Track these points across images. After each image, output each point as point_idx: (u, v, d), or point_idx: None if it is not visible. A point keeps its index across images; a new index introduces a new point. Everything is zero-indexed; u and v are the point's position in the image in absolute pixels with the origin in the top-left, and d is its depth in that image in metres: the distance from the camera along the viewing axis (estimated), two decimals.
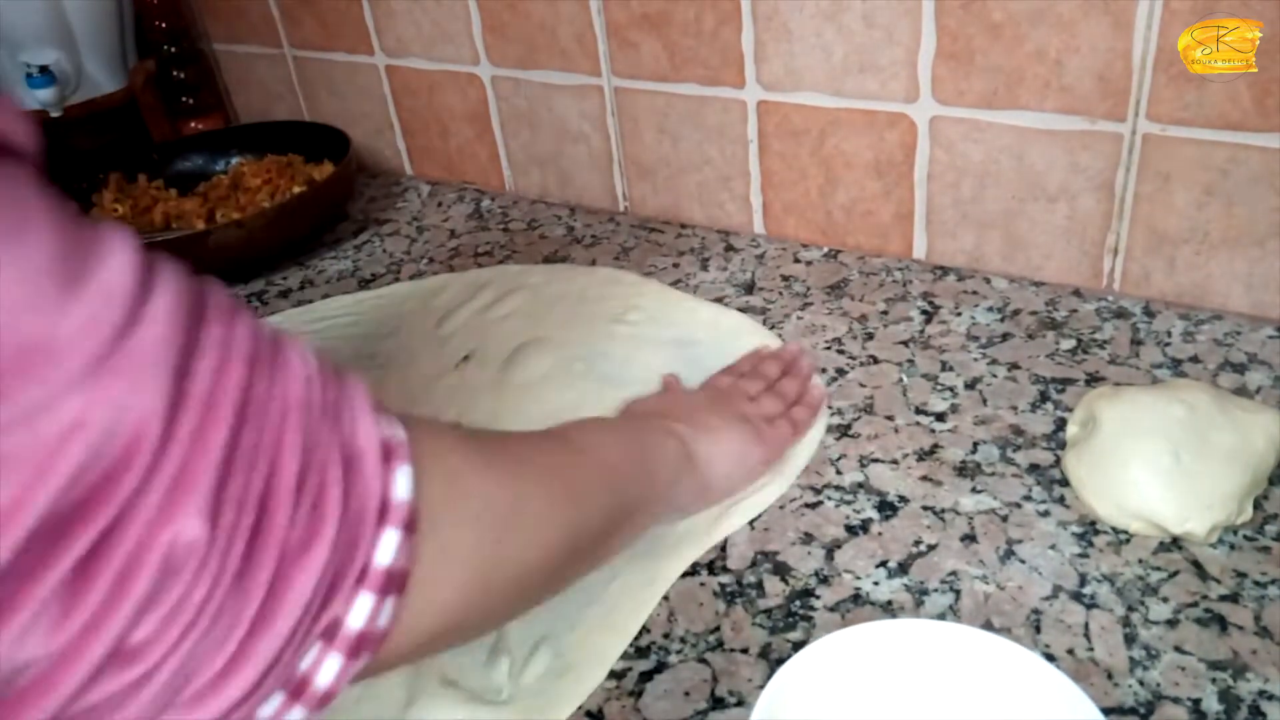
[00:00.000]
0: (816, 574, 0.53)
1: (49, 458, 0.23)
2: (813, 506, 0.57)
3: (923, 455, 0.59)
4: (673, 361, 0.68)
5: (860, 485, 0.58)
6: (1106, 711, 0.39)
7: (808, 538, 0.55)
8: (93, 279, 0.24)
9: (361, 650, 0.29)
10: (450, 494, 0.33)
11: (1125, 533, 0.52)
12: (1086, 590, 0.50)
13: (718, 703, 0.47)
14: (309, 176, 0.96)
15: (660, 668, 0.49)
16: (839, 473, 0.59)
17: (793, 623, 0.50)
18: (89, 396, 0.23)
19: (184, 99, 1.10)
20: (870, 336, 0.70)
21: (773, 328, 0.72)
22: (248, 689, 0.27)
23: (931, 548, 0.53)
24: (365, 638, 0.29)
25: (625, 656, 0.49)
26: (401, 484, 0.30)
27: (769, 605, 0.51)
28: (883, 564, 0.53)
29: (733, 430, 0.54)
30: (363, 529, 0.29)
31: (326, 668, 0.29)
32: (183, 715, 0.26)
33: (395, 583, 0.30)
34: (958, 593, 0.50)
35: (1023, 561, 0.52)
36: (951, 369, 0.66)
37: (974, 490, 0.56)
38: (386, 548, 0.29)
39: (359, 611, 0.29)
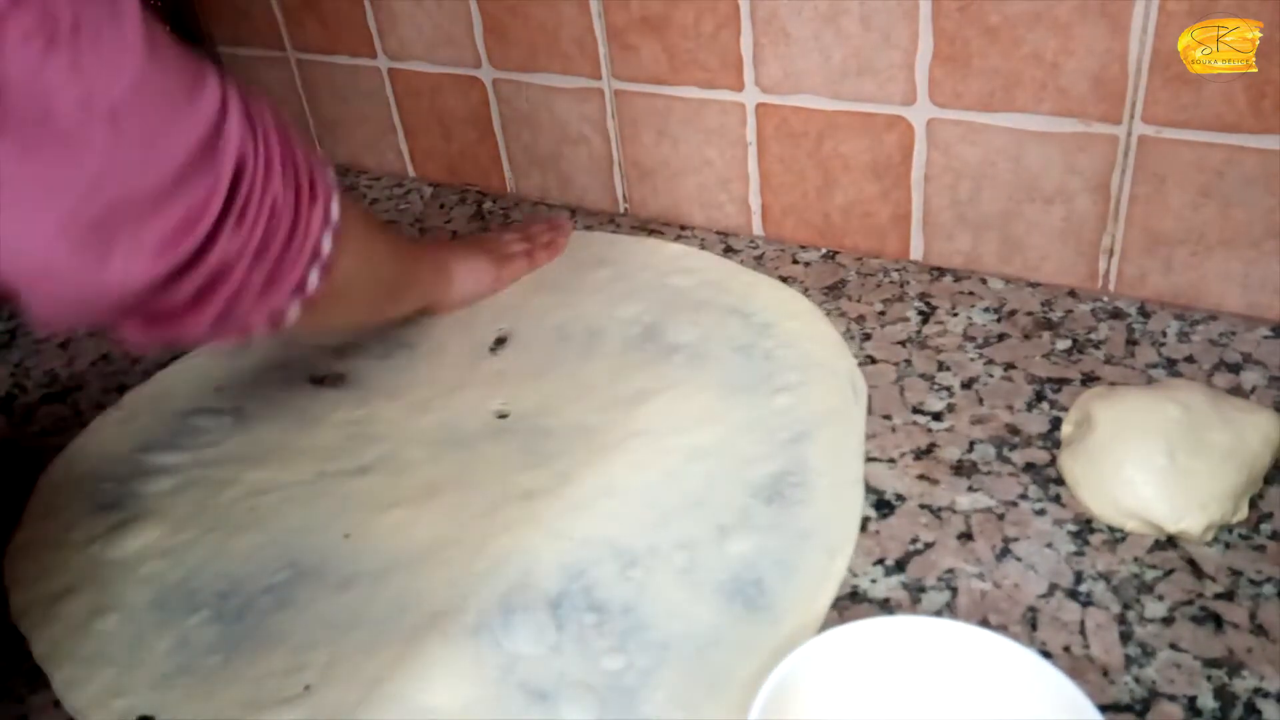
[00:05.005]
0: None
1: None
2: None
3: (920, 454, 0.59)
4: (737, 330, 0.71)
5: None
6: (1102, 709, 0.39)
7: None
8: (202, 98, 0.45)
9: (326, 268, 0.52)
10: (350, 226, 0.54)
11: (1121, 531, 0.53)
12: (1082, 588, 0.50)
13: None
14: None
15: None
16: None
17: None
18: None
19: None
20: (868, 337, 0.70)
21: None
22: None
23: (928, 546, 0.54)
24: (326, 264, 0.52)
25: None
26: (334, 209, 0.53)
27: None
28: (880, 562, 0.53)
29: (478, 257, 0.78)
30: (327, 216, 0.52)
31: (312, 277, 0.51)
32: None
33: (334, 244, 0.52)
34: (954, 590, 0.51)
35: (1019, 559, 0.52)
36: (948, 369, 0.66)
37: (970, 489, 0.57)
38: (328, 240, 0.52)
39: (325, 246, 0.52)
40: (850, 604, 0.51)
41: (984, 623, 0.49)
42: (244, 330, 0.50)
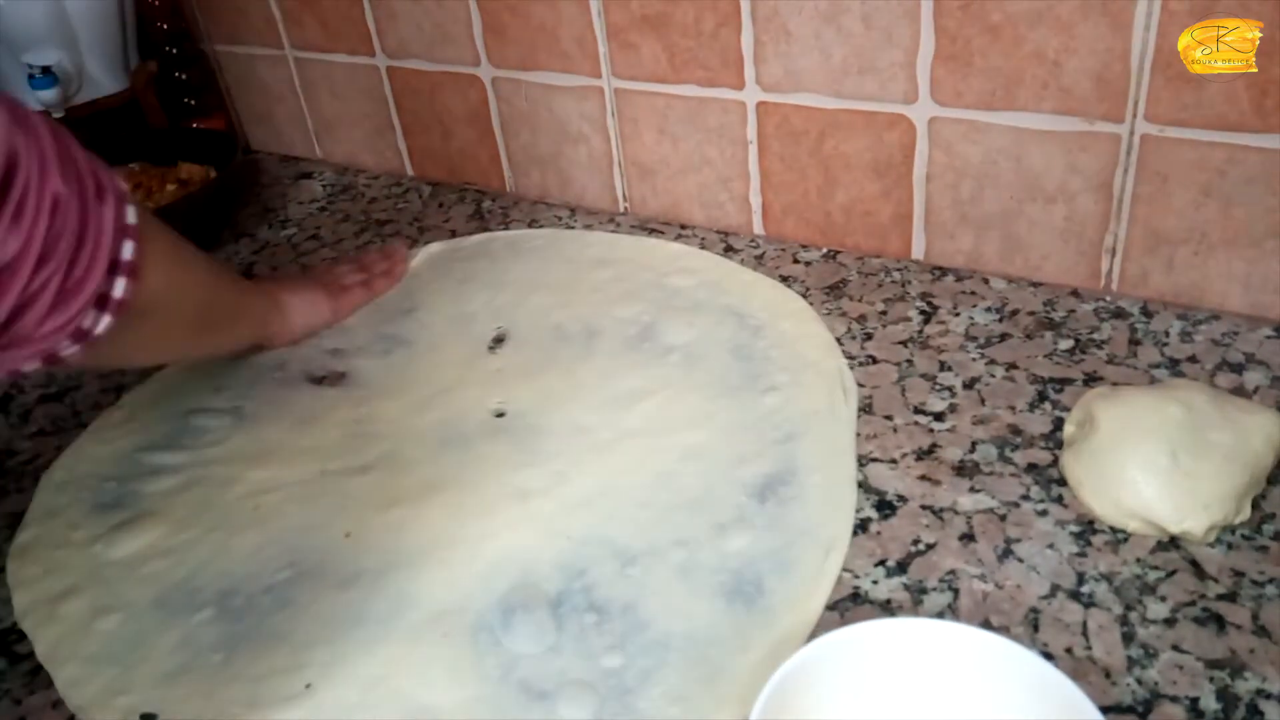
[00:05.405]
0: None
1: None
2: None
3: (921, 455, 0.59)
4: (733, 330, 0.71)
5: (859, 484, 0.58)
6: (1105, 710, 0.39)
7: None
8: None
9: (131, 275, 0.50)
10: (155, 238, 0.54)
11: (1123, 532, 0.53)
12: (1084, 589, 0.50)
13: None
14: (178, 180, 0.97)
15: None
16: None
17: None
18: None
19: (186, 100, 1.11)
20: (869, 337, 0.70)
21: None
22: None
23: (930, 547, 0.53)
24: (130, 270, 0.50)
25: None
26: (129, 213, 0.51)
27: None
28: (881, 563, 0.53)
29: (313, 290, 0.77)
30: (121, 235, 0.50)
31: (117, 285, 0.49)
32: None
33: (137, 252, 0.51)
34: (956, 591, 0.51)
35: (1021, 560, 0.52)
36: (950, 369, 0.66)
37: (972, 490, 0.56)
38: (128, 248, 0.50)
39: (125, 251, 0.50)
40: (851, 605, 0.51)
41: (986, 624, 0.49)
42: (43, 345, 0.47)
